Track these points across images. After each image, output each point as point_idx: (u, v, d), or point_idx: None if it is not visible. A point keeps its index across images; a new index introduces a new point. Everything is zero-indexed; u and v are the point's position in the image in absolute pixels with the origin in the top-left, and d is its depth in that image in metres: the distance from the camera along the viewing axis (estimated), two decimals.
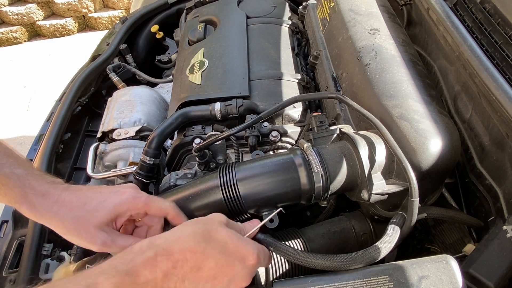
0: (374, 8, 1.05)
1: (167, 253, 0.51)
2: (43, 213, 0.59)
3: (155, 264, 0.50)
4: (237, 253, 0.54)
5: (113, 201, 0.62)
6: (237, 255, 0.54)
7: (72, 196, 0.61)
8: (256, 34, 1.22)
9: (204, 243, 0.52)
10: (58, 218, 0.60)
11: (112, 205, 0.62)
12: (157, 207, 0.65)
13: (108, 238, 0.60)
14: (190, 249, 0.51)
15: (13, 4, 4.21)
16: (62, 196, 0.61)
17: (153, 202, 0.65)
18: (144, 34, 1.70)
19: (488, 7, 0.86)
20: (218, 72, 1.07)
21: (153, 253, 0.50)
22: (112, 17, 4.38)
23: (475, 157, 0.82)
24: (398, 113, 0.74)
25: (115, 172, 0.96)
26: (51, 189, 0.61)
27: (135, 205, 0.63)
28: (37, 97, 3.39)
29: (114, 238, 0.61)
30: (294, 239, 0.80)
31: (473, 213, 0.83)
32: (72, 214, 0.59)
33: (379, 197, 0.69)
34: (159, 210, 0.65)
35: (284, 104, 0.84)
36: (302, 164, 0.69)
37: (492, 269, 0.61)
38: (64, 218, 0.59)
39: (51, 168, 1.09)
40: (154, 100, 1.25)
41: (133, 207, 0.63)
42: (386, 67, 0.84)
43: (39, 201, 0.59)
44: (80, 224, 0.59)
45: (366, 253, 0.62)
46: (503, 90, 0.70)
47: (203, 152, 0.85)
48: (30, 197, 0.59)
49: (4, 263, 0.88)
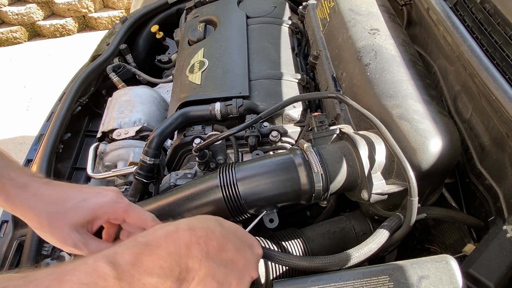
0: (374, 8, 1.05)
1: (189, 228, 0.50)
2: (19, 205, 0.58)
3: (177, 237, 0.48)
4: (247, 240, 0.55)
5: (93, 202, 0.60)
6: (247, 242, 0.55)
7: (52, 191, 0.59)
8: (256, 34, 1.23)
9: (221, 227, 0.52)
10: (34, 212, 0.58)
11: (91, 207, 0.60)
12: (136, 216, 0.63)
13: (81, 240, 0.58)
14: (212, 229, 0.51)
15: (13, 4, 4.21)
16: (41, 190, 0.59)
17: (133, 210, 0.62)
18: (144, 34, 1.70)
19: (488, 7, 0.86)
20: (218, 72, 1.07)
21: (175, 228, 0.50)
22: (112, 17, 4.38)
23: (475, 157, 0.82)
24: (398, 113, 0.74)
25: (115, 172, 0.96)
26: (31, 181, 0.59)
27: (115, 210, 0.61)
28: (37, 97, 3.39)
29: (87, 241, 0.59)
30: (294, 239, 0.80)
31: (473, 213, 0.83)
32: (48, 209, 0.58)
33: (379, 197, 0.69)
34: (137, 220, 0.63)
35: (284, 104, 0.84)
36: (302, 164, 0.69)
37: (492, 269, 0.61)
38: (40, 213, 0.58)
39: (51, 168, 1.09)
40: (154, 100, 1.25)
41: (112, 212, 0.61)
42: (386, 67, 0.84)
43: (16, 192, 0.57)
44: (55, 222, 0.57)
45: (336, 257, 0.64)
46: (503, 90, 0.70)
47: (203, 152, 0.85)
48: (7, 187, 0.57)
49: (4, 263, 0.88)
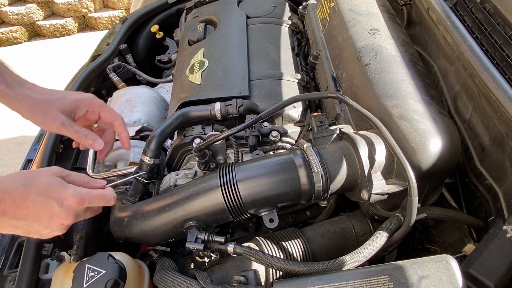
0: (374, 8, 1.05)
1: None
2: (17, 94, 0.75)
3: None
4: (55, 196, 0.63)
5: (76, 95, 0.81)
6: (55, 197, 0.63)
7: (43, 88, 0.79)
8: (256, 34, 1.22)
9: (23, 187, 0.61)
10: (29, 99, 0.75)
11: (75, 97, 0.80)
12: (109, 111, 0.84)
13: (67, 121, 0.76)
14: (9, 191, 0.60)
15: (13, 4, 4.21)
16: (35, 86, 0.79)
17: (107, 106, 0.84)
18: (144, 34, 1.70)
19: (488, 7, 0.86)
20: (218, 72, 1.07)
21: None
22: (112, 17, 4.38)
23: (475, 157, 0.82)
24: (398, 113, 0.74)
25: (115, 172, 0.96)
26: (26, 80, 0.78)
27: (93, 103, 0.82)
28: None
29: (72, 123, 0.78)
30: (294, 239, 0.80)
31: (473, 213, 0.83)
32: (42, 97, 0.76)
33: (379, 197, 0.69)
34: (109, 114, 0.84)
35: (284, 104, 0.84)
36: (302, 164, 0.69)
37: (492, 269, 0.61)
38: (35, 99, 0.75)
39: None
40: (154, 100, 1.25)
41: (91, 104, 0.82)
42: (386, 67, 0.84)
43: (15, 85, 0.75)
44: (47, 105, 0.75)
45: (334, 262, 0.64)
46: (503, 90, 0.70)
47: (203, 152, 0.85)
48: (8, 81, 0.74)
49: (4, 263, 0.88)
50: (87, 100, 0.81)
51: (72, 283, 0.66)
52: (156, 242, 0.80)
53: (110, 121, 0.85)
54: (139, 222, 0.77)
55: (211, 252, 0.73)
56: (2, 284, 0.83)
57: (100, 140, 0.82)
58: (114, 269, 0.67)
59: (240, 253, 0.70)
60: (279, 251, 0.78)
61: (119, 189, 0.92)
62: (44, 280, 0.82)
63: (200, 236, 0.71)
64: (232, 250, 0.71)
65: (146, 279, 0.79)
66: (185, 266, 0.88)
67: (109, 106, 0.85)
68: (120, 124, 0.85)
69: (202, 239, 0.71)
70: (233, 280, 0.70)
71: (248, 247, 0.71)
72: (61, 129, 0.76)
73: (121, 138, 0.87)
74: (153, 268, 0.82)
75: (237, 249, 0.70)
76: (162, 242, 0.80)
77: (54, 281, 0.77)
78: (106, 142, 0.85)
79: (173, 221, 0.75)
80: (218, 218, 0.74)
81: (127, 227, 0.79)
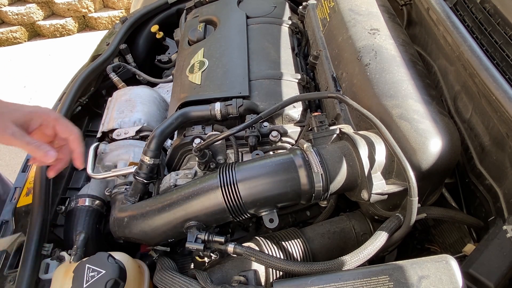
0: (374, 8, 1.05)
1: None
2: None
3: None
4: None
5: (31, 108, 0.77)
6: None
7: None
8: (256, 34, 1.22)
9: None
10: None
11: (29, 110, 0.76)
12: (65, 124, 0.79)
13: (19, 132, 0.73)
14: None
15: (13, 4, 4.21)
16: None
17: (63, 120, 0.79)
18: (144, 34, 1.70)
19: (488, 7, 0.86)
20: (218, 72, 1.07)
21: None
22: (112, 17, 4.38)
23: (475, 157, 0.82)
24: (398, 113, 0.74)
25: (115, 172, 0.96)
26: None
27: (48, 116, 0.77)
28: (37, 97, 3.39)
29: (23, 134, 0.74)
30: (294, 239, 0.80)
31: (473, 213, 0.83)
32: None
33: (379, 197, 0.69)
34: (65, 128, 0.79)
35: (284, 104, 0.84)
36: (302, 164, 0.69)
37: (492, 269, 0.61)
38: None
39: None
40: (154, 100, 1.25)
41: (45, 117, 0.77)
42: (386, 67, 0.84)
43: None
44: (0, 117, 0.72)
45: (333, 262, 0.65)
46: (503, 90, 0.70)
47: (203, 152, 0.85)
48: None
49: (4, 263, 0.88)
50: (42, 112, 0.77)
51: (72, 283, 0.66)
52: (156, 242, 0.80)
53: (66, 136, 0.79)
54: (139, 222, 0.77)
55: (211, 252, 0.73)
56: (2, 284, 0.83)
57: (53, 152, 0.75)
58: (114, 269, 0.67)
59: (240, 253, 0.70)
60: (279, 251, 0.78)
61: (119, 189, 0.93)
62: (44, 280, 0.82)
63: (200, 236, 0.71)
64: (232, 250, 0.71)
65: (146, 279, 0.79)
66: (185, 266, 0.88)
67: (66, 120, 0.79)
68: (75, 139, 0.79)
69: (202, 239, 0.71)
70: (233, 280, 0.70)
71: (248, 247, 0.71)
72: (11, 140, 0.72)
73: (74, 155, 0.80)
74: (153, 268, 0.82)
75: (237, 249, 0.70)
76: (162, 242, 0.80)
77: (54, 281, 0.77)
78: (59, 158, 0.78)
79: (173, 221, 0.75)
80: (218, 218, 0.74)
81: (127, 227, 0.79)
